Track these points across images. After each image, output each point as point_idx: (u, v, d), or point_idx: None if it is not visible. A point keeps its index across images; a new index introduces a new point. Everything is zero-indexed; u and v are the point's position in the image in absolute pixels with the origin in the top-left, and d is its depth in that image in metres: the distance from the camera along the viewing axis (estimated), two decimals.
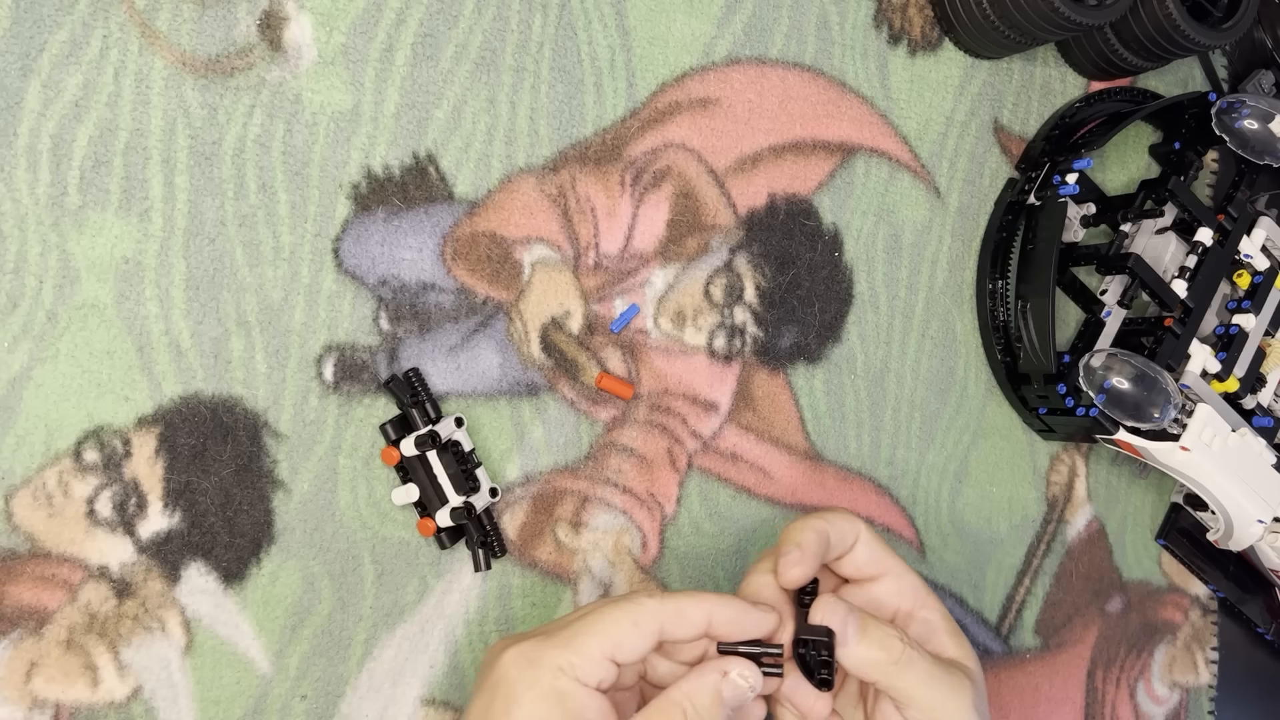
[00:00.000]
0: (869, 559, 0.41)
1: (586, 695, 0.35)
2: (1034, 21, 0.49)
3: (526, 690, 0.34)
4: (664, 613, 0.36)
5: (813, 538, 0.39)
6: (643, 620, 0.36)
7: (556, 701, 0.34)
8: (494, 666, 0.35)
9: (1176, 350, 0.51)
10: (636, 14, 0.48)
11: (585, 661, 0.35)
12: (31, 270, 0.39)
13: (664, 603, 0.36)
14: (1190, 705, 0.59)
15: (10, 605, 0.38)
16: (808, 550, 0.39)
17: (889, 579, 0.41)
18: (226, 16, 0.41)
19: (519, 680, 0.34)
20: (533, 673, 0.34)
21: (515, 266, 0.45)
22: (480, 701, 0.35)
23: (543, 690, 0.34)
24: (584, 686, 0.35)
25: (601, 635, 0.35)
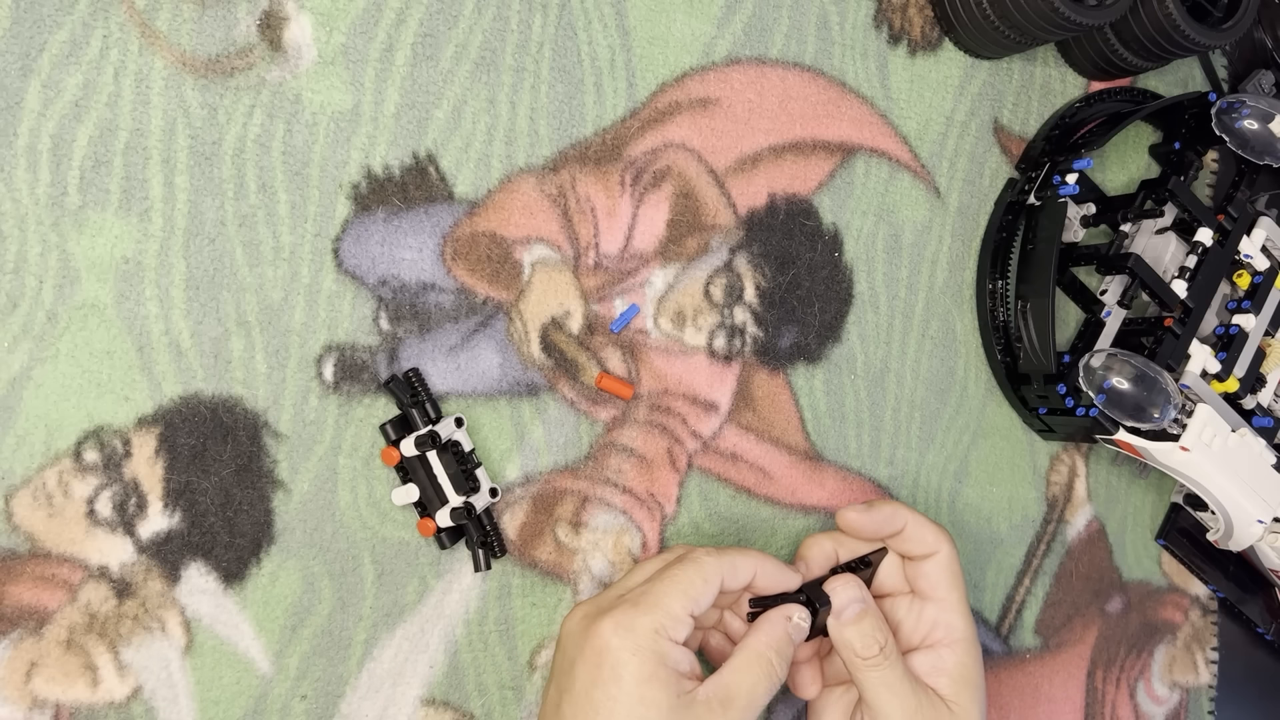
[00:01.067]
0: (933, 579, 0.44)
1: (678, 651, 0.39)
2: (1034, 21, 0.49)
3: (631, 655, 0.38)
4: (724, 567, 0.40)
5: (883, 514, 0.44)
6: (710, 576, 0.40)
7: (659, 662, 0.38)
8: (590, 636, 0.39)
9: (1176, 350, 0.51)
10: (636, 14, 0.48)
11: (674, 622, 0.39)
12: (31, 270, 0.39)
13: (722, 558, 0.41)
14: (1190, 705, 0.59)
15: (10, 605, 0.38)
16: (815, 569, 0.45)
17: (936, 607, 0.44)
18: (226, 16, 0.41)
19: (622, 646, 0.38)
20: (633, 638, 0.38)
21: (515, 266, 0.45)
22: (583, 671, 0.39)
23: (646, 654, 0.38)
24: (676, 644, 0.39)
25: (682, 595, 0.39)
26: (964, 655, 0.44)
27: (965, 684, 0.43)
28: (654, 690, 0.37)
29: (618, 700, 0.37)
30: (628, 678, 0.38)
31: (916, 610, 0.45)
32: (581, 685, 0.38)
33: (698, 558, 0.40)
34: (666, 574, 0.40)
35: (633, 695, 0.37)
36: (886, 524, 0.44)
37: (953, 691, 0.43)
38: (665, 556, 0.43)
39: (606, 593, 0.42)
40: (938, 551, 0.44)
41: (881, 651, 0.41)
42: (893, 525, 0.44)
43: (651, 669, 0.38)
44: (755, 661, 0.40)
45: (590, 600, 0.41)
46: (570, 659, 0.39)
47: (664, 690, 0.38)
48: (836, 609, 0.42)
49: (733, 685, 0.40)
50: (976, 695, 0.44)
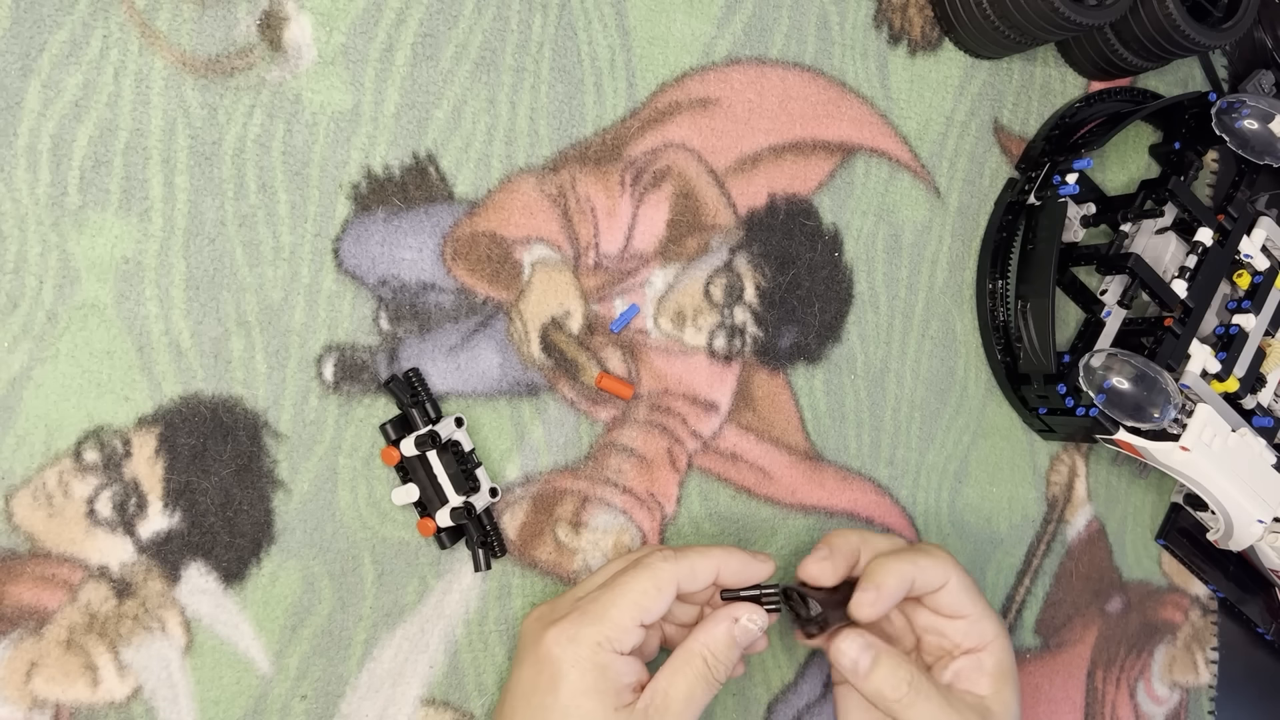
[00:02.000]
0: (952, 605, 0.44)
1: (623, 662, 0.39)
2: (1034, 21, 0.49)
3: (571, 667, 0.38)
4: (680, 572, 0.40)
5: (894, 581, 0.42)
6: (664, 584, 0.40)
7: (599, 675, 0.38)
8: (537, 644, 0.39)
9: (1176, 350, 0.51)
10: (636, 14, 0.48)
11: (620, 633, 0.39)
12: (31, 270, 0.39)
13: (679, 563, 0.40)
14: (1190, 705, 0.59)
15: (10, 605, 0.38)
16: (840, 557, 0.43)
17: (965, 622, 0.44)
18: (226, 16, 0.41)
19: (563, 658, 0.38)
20: (574, 650, 0.38)
21: (515, 266, 0.45)
22: (526, 675, 0.39)
23: (585, 666, 0.38)
24: (620, 655, 0.39)
25: (630, 605, 0.39)
26: (1000, 653, 0.44)
27: (1004, 680, 0.43)
28: (590, 702, 0.38)
29: (552, 710, 0.38)
30: (565, 689, 0.38)
31: (943, 622, 0.44)
32: (524, 689, 0.39)
33: (652, 563, 0.40)
34: (618, 582, 0.40)
35: (568, 706, 0.38)
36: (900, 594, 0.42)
37: (994, 690, 0.43)
38: (628, 557, 0.43)
39: (565, 596, 0.42)
40: (948, 581, 0.43)
41: (911, 687, 0.41)
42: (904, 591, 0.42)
43: (591, 682, 0.38)
44: (688, 664, 0.40)
45: (549, 602, 0.42)
46: (519, 660, 0.40)
47: (600, 703, 0.38)
48: (850, 666, 0.41)
49: (669, 691, 0.39)
50: (1014, 687, 0.44)
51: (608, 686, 0.38)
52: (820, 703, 0.49)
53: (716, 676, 0.40)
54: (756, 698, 0.48)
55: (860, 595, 0.42)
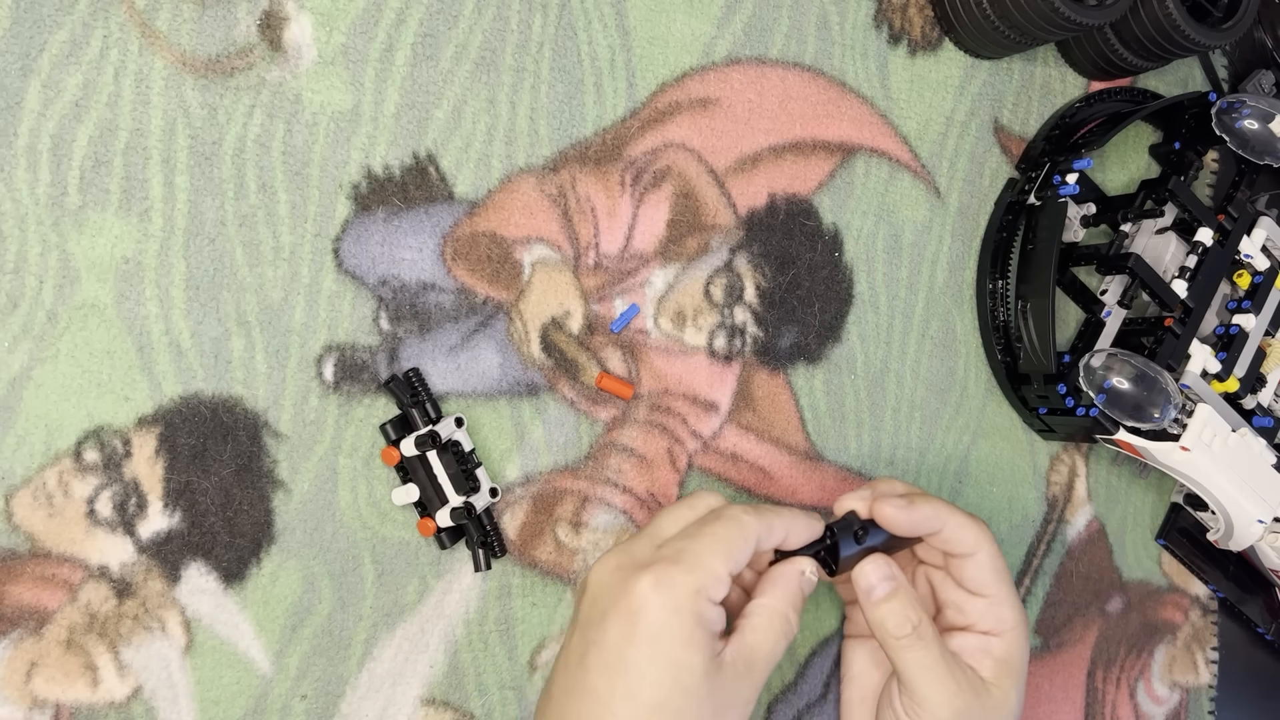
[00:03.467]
0: (976, 579, 0.43)
1: (715, 611, 0.38)
2: (1034, 21, 0.49)
3: (672, 615, 0.37)
4: (761, 528, 0.40)
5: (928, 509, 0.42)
6: (749, 535, 0.39)
7: (696, 624, 0.37)
8: (627, 590, 0.37)
9: (1176, 350, 0.51)
10: (636, 14, 0.48)
11: (714, 581, 0.38)
12: (31, 270, 0.39)
13: (760, 517, 0.40)
14: (1190, 705, 0.59)
15: (10, 605, 0.38)
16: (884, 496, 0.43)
17: (985, 602, 0.43)
18: (226, 16, 0.41)
19: (663, 605, 0.37)
20: (674, 597, 0.37)
21: (515, 266, 0.45)
22: (618, 625, 0.37)
23: (686, 614, 0.37)
24: (714, 605, 0.38)
25: (724, 554, 0.38)
26: (1012, 644, 0.43)
27: (1009, 670, 0.42)
28: (691, 653, 0.36)
29: (653, 661, 0.36)
30: (666, 638, 0.36)
31: (964, 597, 0.44)
32: (614, 640, 0.37)
33: (737, 516, 0.39)
34: (707, 531, 0.39)
35: (669, 657, 0.36)
36: (926, 524, 0.42)
37: (995, 675, 0.42)
38: (694, 504, 0.41)
39: (636, 542, 0.40)
40: (978, 551, 0.43)
41: (915, 631, 0.41)
42: (932, 526, 0.42)
43: (690, 630, 0.37)
44: (775, 621, 0.40)
45: (620, 550, 0.40)
46: (602, 611, 0.38)
47: (700, 653, 0.37)
48: (866, 589, 0.41)
49: (755, 647, 0.39)
50: (1018, 683, 0.43)
51: (705, 636, 0.37)
52: (820, 703, 0.49)
53: (794, 630, 0.40)
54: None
55: (890, 500, 0.42)
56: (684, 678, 0.36)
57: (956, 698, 0.41)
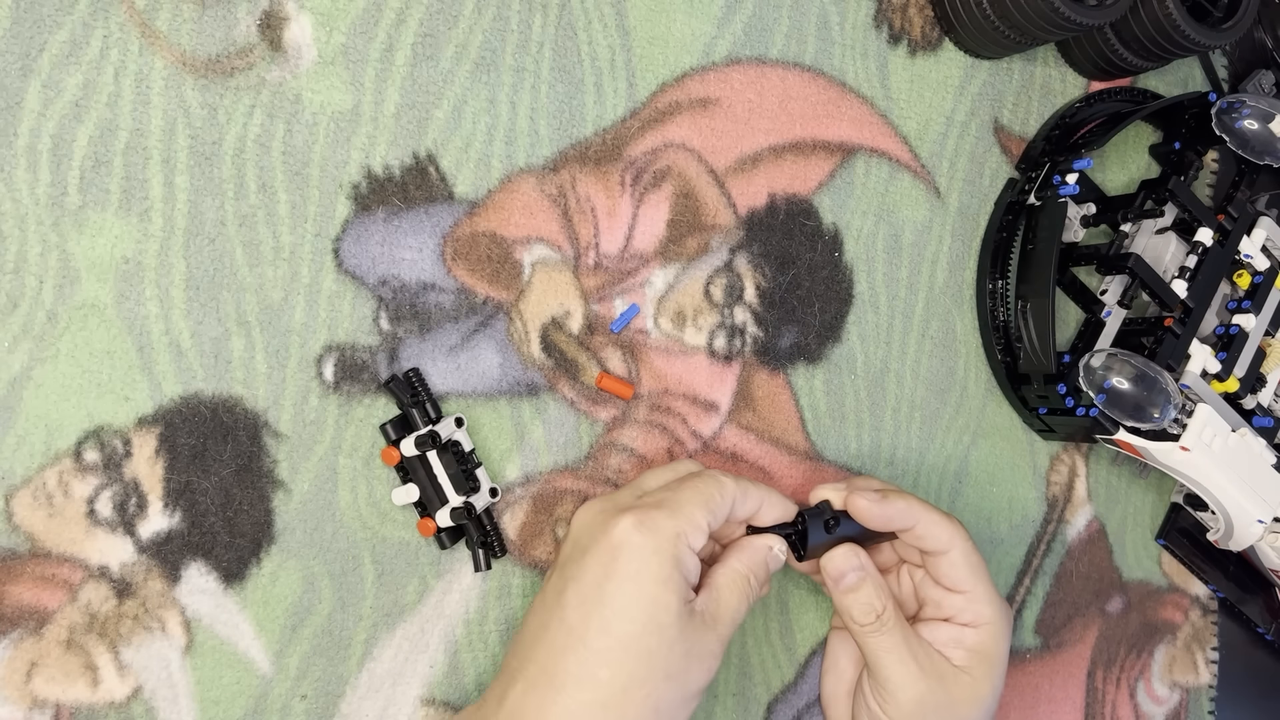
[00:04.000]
0: (952, 577, 0.44)
1: (693, 559, 0.39)
2: (1034, 21, 0.49)
3: (652, 554, 0.38)
4: (738, 491, 0.41)
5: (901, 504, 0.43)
6: (727, 493, 0.40)
7: (674, 566, 0.38)
8: (609, 529, 0.38)
9: (1176, 350, 0.51)
10: (636, 14, 0.48)
11: (694, 529, 0.39)
12: (31, 270, 0.39)
13: (738, 482, 0.41)
14: (1190, 705, 0.59)
15: (10, 605, 0.38)
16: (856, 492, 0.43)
17: (963, 598, 0.44)
18: (226, 16, 0.41)
19: (644, 544, 0.38)
20: (654, 538, 0.38)
21: (515, 266, 0.45)
22: (597, 562, 0.38)
23: (665, 555, 0.38)
24: (692, 552, 0.39)
25: (704, 507, 0.39)
26: (987, 637, 0.43)
27: (982, 660, 0.43)
28: (667, 594, 0.37)
29: (630, 597, 0.37)
30: (645, 576, 0.37)
31: (942, 594, 0.44)
32: (592, 577, 0.38)
33: (717, 476, 0.41)
34: (688, 483, 0.40)
35: (647, 594, 0.37)
36: (898, 519, 0.43)
37: (967, 663, 0.43)
38: (676, 467, 0.43)
39: (620, 492, 0.42)
40: (951, 549, 0.43)
41: (879, 619, 0.42)
42: (904, 522, 0.43)
43: (668, 571, 0.38)
44: (738, 582, 0.41)
45: (604, 497, 0.41)
46: (582, 549, 0.39)
47: (675, 595, 0.38)
48: (835, 576, 0.42)
49: (722, 602, 0.40)
50: (993, 671, 0.43)
51: (681, 580, 0.38)
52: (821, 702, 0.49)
53: (755, 595, 0.41)
54: (756, 698, 0.48)
55: (864, 494, 0.43)
56: (659, 615, 0.37)
57: (919, 681, 0.41)
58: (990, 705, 0.43)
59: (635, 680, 0.37)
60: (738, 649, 0.48)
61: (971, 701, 0.42)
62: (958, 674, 0.42)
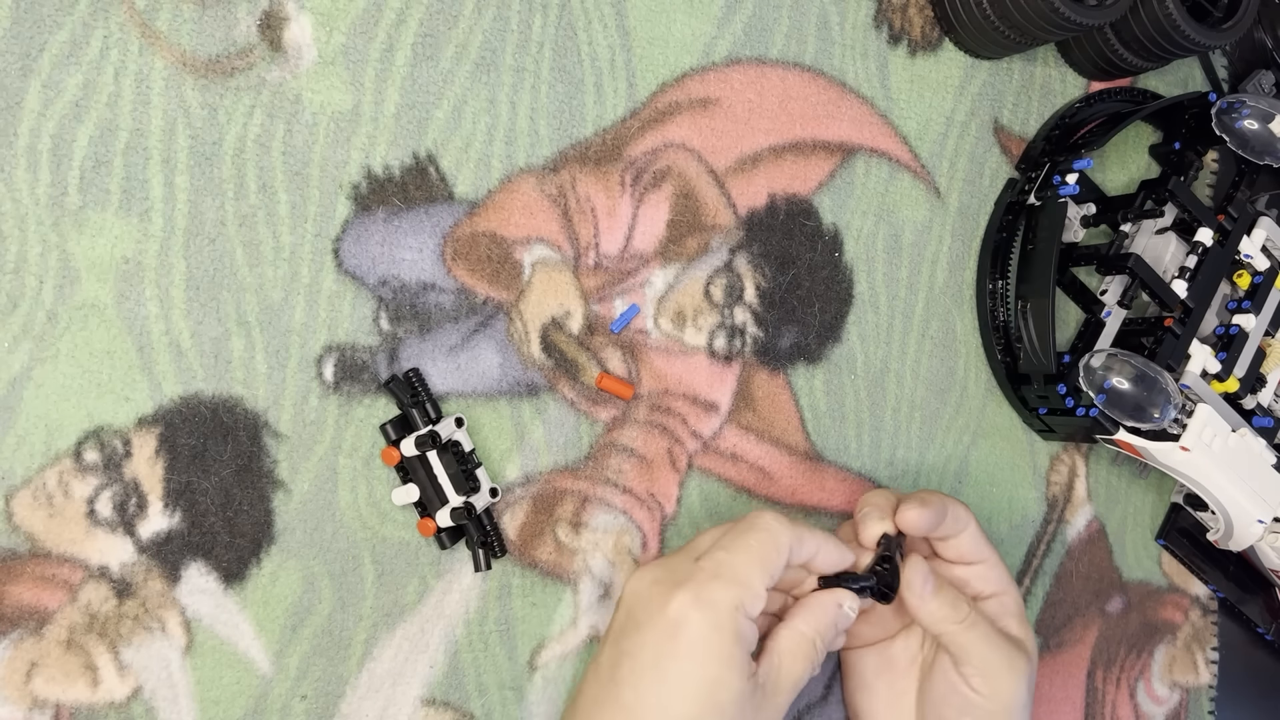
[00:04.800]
0: (972, 548, 0.45)
1: (751, 629, 0.38)
2: (1034, 22, 0.49)
3: (712, 631, 0.37)
4: (792, 538, 0.40)
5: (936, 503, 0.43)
6: (783, 547, 0.39)
7: (735, 641, 0.37)
8: (667, 604, 0.37)
9: (1176, 350, 0.51)
10: (636, 14, 0.48)
11: (753, 598, 0.38)
12: (31, 270, 0.39)
13: (793, 529, 0.40)
14: (1190, 705, 0.59)
15: (10, 605, 0.38)
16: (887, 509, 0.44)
17: (984, 566, 0.45)
18: (226, 17, 0.41)
19: (702, 620, 0.37)
20: (713, 615, 0.37)
21: (515, 266, 0.45)
22: (656, 638, 0.37)
23: (726, 632, 0.37)
24: (751, 621, 0.38)
25: (760, 568, 0.38)
26: (1018, 597, 0.45)
27: (1026, 624, 0.45)
28: (729, 672, 0.36)
29: (690, 677, 0.36)
30: (705, 654, 0.36)
31: (962, 570, 0.45)
32: (650, 654, 0.37)
33: (770, 525, 0.39)
34: (742, 542, 0.39)
35: (708, 673, 0.36)
36: (937, 516, 0.43)
37: (1021, 631, 0.45)
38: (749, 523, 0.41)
39: (674, 558, 0.41)
40: (970, 525, 0.44)
41: (968, 616, 0.43)
42: (942, 517, 0.43)
43: (729, 648, 0.37)
44: (804, 646, 0.40)
45: (658, 564, 0.40)
46: (637, 623, 0.38)
47: (738, 673, 0.37)
48: (916, 587, 0.42)
49: (784, 670, 0.39)
50: (1032, 633, 0.45)
51: (741, 654, 0.37)
52: (821, 703, 0.49)
53: (820, 660, 0.40)
54: None
55: (910, 505, 0.43)
56: (720, 694, 0.36)
57: (1016, 658, 0.43)
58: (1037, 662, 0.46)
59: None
60: None
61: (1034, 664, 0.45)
62: (1022, 644, 0.44)
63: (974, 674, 0.43)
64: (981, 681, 0.43)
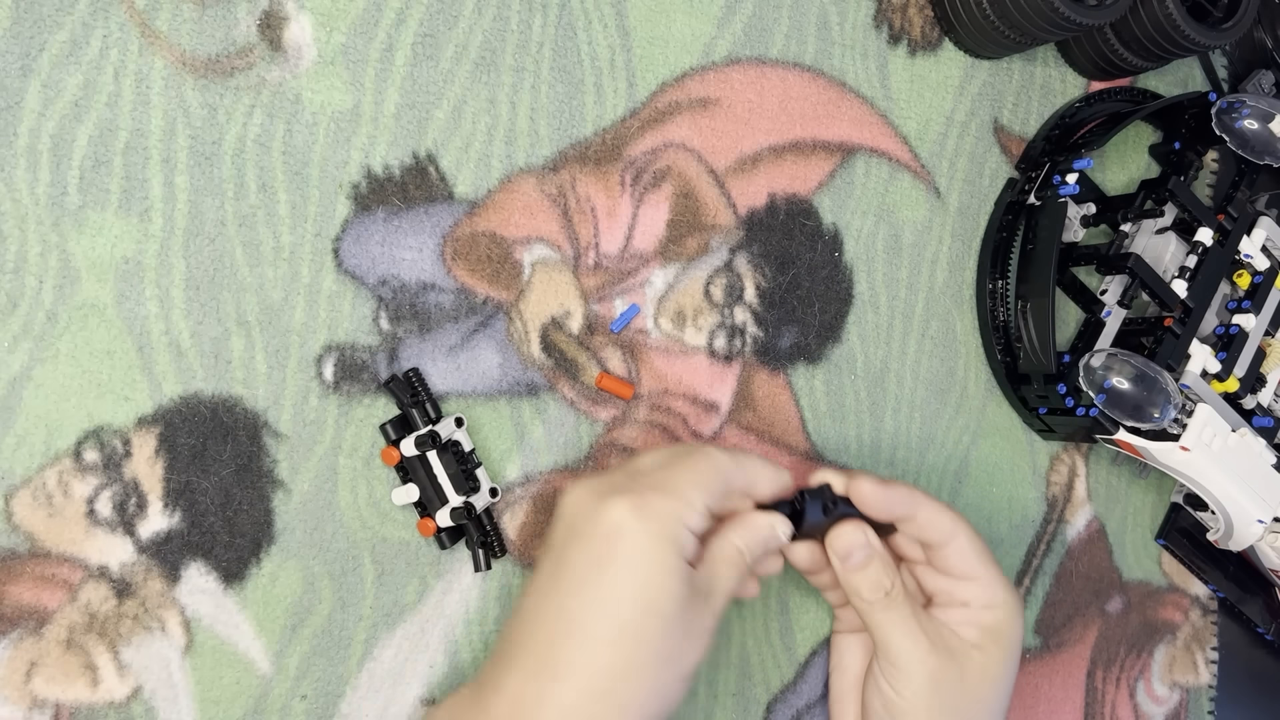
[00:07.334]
0: (961, 565, 0.43)
1: (691, 541, 0.38)
2: (1034, 21, 0.49)
3: (652, 540, 0.36)
4: (731, 465, 0.39)
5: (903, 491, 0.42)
6: (722, 469, 0.39)
7: (674, 550, 0.37)
8: (603, 513, 0.37)
9: (1176, 350, 0.51)
10: (636, 14, 0.48)
11: (693, 512, 0.37)
12: (31, 270, 0.39)
13: (732, 456, 0.40)
14: (1190, 705, 0.59)
15: (10, 605, 0.38)
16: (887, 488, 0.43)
17: (977, 585, 0.43)
18: (226, 16, 0.41)
19: (642, 530, 0.36)
20: (652, 524, 0.36)
21: (515, 266, 0.45)
22: (592, 548, 0.37)
23: (664, 540, 0.36)
24: (691, 534, 0.37)
25: (701, 487, 0.38)
26: (1003, 615, 0.43)
27: (996, 638, 0.42)
28: (668, 578, 0.36)
29: (630, 584, 0.36)
30: (645, 563, 0.36)
31: (952, 584, 0.43)
32: (586, 564, 0.37)
33: (710, 452, 0.39)
34: (683, 463, 0.39)
35: (647, 581, 0.36)
36: (899, 506, 0.42)
37: (980, 639, 0.42)
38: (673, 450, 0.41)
39: (613, 472, 0.40)
40: (956, 536, 0.43)
41: (888, 595, 0.41)
42: (905, 509, 0.42)
43: (668, 557, 0.36)
44: (733, 555, 0.39)
45: (595, 477, 0.39)
46: (577, 533, 0.38)
47: (677, 579, 0.36)
48: (843, 553, 0.42)
49: (715, 577, 0.39)
50: (1008, 650, 0.42)
51: (680, 565, 0.37)
52: (820, 703, 0.49)
53: (748, 569, 0.40)
54: (756, 698, 0.48)
55: (868, 477, 0.42)
56: (659, 601, 0.36)
57: (931, 656, 0.41)
58: (1005, 686, 0.43)
59: (634, 666, 0.36)
60: (738, 649, 0.48)
61: (986, 680, 0.42)
62: (970, 650, 0.42)
63: (885, 664, 0.42)
64: (893, 675, 0.41)
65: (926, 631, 0.41)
